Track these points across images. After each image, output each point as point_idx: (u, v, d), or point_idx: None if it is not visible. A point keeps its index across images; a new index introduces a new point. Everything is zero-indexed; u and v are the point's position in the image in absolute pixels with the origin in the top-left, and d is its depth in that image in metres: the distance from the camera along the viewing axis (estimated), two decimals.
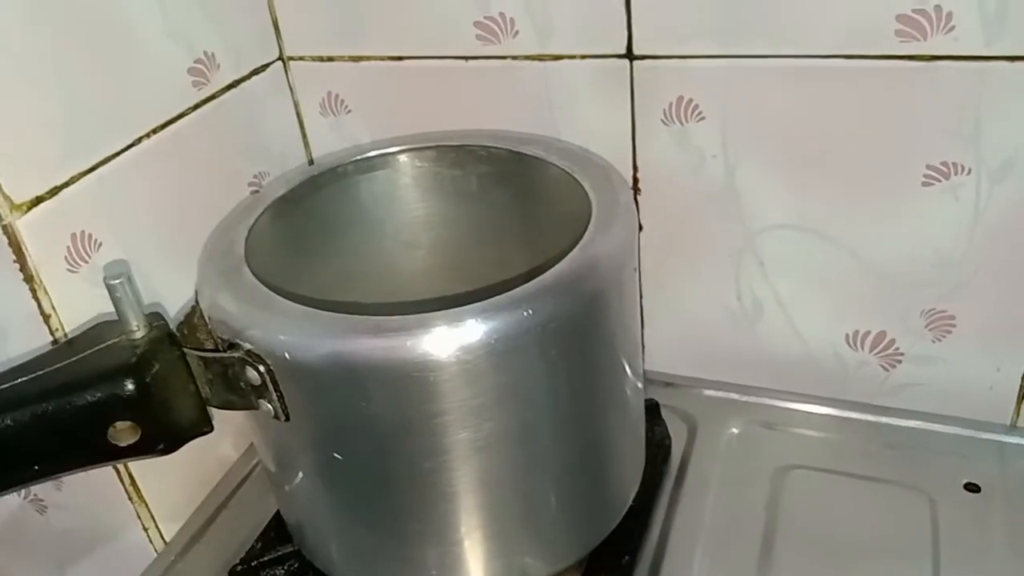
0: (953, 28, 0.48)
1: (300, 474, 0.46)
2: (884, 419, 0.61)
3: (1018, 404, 0.60)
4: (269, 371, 0.40)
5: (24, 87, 0.45)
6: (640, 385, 0.50)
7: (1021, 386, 0.59)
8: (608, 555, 0.51)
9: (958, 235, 0.55)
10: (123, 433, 0.40)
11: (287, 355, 0.39)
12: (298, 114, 0.67)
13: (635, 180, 0.60)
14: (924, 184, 0.53)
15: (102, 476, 0.54)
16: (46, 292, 0.48)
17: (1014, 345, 0.57)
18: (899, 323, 0.59)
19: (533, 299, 0.38)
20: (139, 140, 0.52)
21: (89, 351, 0.40)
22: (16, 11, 0.44)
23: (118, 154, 0.51)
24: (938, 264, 0.56)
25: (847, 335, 0.61)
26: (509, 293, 0.39)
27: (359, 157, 0.54)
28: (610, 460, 0.48)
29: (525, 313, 0.38)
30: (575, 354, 0.41)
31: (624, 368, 0.46)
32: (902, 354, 0.60)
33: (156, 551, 0.58)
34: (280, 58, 0.64)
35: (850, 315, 0.60)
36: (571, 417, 0.43)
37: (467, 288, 0.50)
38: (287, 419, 0.41)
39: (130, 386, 0.39)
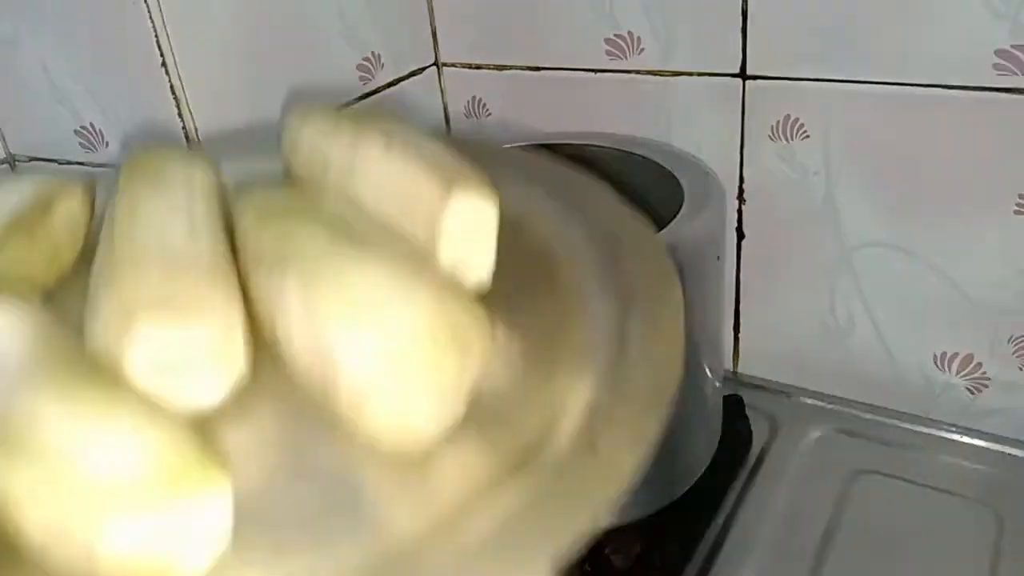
0: None
1: None
2: (965, 439, 0.63)
3: None
4: None
5: (228, 69, 0.56)
6: (716, 371, 0.55)
7: None
8: (675, 526, 0.56)
9: None
10: None
11: None
12: (446, 115, 0.76)
13: (740, 190, 0.65)
14: (1016, 212, 0.56)
15: None
16: None
17: None
18: (987, 348, 0.61)
19: None
20: None
21: None
22: (229, 10, 0.55)
23: None
24: None
25: (935, 356, 0.64)
26: None
27: None
28: (678, 433, 0.54)
29: None
30: None
31: (698, 350, 0.51)
32: (989, 379, 0.62)
33: None
34: (435, 63, 0.74)
35: (939, 336, 0.63)
36: None
37: None
38: None
39: None
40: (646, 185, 0.57)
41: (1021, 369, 0.61)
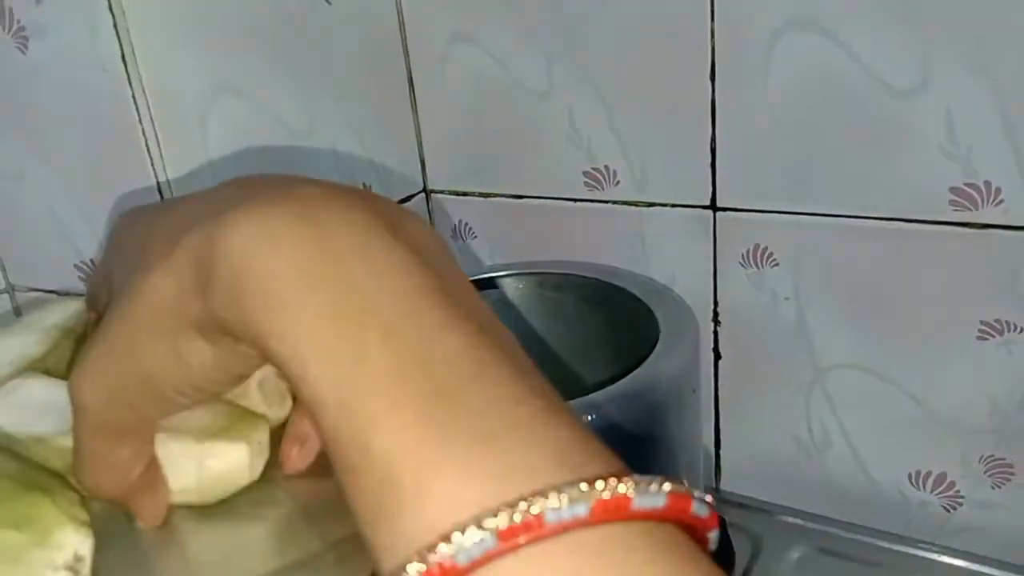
0: (1002, 201, 0.55)
1: None
2: (944, 558, 0.64)
3: None
4: None
5: None
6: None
7: None
8: None
9: (1013, 387, 0.59)
10: None
11: None
12: None
13: (715, 313, 0.67)
14: (979, 338, 0.59)
15: None
16: None
17: None
18: (960, 466, 0.63)
19: (598, 406, 0.47)
20: None
21: None
22: (226, 150, 0.58)
23: None
24: (995, 413, 0.60)
25: (910, 474, 0.65)
26: (580, 399, 0.47)
27: (473, 277, 0.65)
28: None
29: (590, 417, 0.46)
30: (634, 455, 0.49)
31: (679, 474, 0.53)
32: (963, 497, 0.64)
33: None
34: (424, 190, 0.77)
35: (913, 455, 0.65)
36: None
37: None
38: None
39: None
40: (625, 316, 0.59)
41: (993, 488, 0.62)
